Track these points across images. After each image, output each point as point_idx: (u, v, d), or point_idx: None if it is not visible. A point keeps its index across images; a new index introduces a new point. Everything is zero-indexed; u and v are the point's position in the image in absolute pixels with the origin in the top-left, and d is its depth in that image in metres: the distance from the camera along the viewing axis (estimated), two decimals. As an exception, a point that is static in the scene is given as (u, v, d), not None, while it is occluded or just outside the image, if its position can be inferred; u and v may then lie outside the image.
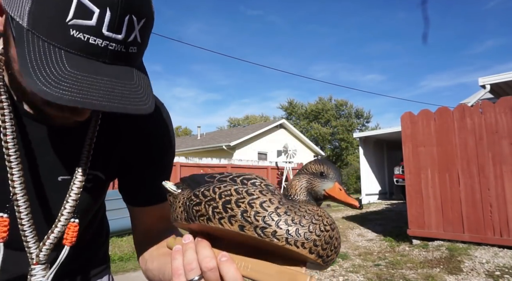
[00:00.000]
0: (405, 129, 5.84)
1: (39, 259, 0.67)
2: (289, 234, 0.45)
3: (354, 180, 20.84)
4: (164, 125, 0.83)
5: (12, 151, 0.61)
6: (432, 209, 5.40)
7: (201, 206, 0.50)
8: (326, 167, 0.51)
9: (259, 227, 0.45)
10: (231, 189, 0.50)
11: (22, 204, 0.63)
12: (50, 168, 0.69)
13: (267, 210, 0.46)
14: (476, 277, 4.01)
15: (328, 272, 4.48)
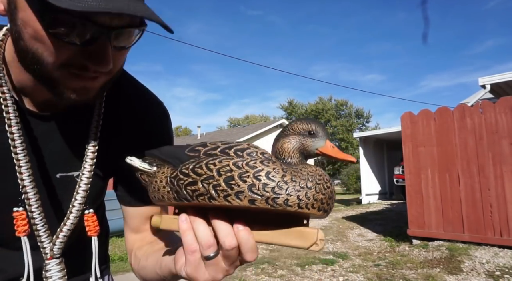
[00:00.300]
0: (405, 129, 5.84)
1: (53, 253, 0.66)
2: (300, 200, 0.46)
3: (354, 180, 20.82)
4: (163, 123, 0.83)
5: (18, 142, 0.60)
6: (432, 209, 5.40)
7: (198, 185, 0.49)
8: (314, 126, 0.51)
9: (270, 198, 0.46)
10: (229, 163, 0.48)
11: (32, 196, 0.62)
12: (50, 165, 0.69)
13: (274, 180, 0.46)
14: (476, 277, 4.00)
15: (328, 272, 4.48)
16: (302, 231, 0.49)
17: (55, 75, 0.54)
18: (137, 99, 0.79)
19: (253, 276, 4.34)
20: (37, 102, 0.66)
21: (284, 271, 4.50)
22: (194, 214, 0.52)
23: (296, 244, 0.49)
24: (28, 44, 0.52)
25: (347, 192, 22.24)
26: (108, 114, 0.73)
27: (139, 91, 0.81)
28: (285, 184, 0.46)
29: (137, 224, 0.82)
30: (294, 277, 4.30)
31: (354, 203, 13.61)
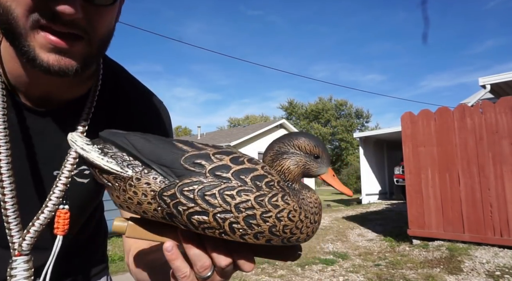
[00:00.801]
0: (405, 129, 5.83)
1: (22, 248, 0.61)
2: (308, 236, 0.47)
3: (354, 180, 20.82)
4: (162, 121, 0.82)
5: (2, 135, 0.59)
6: (432, 209, 5.39)
7: (209, 218, 0.42)
8: (321, 150, 0.50)
9: (286, 238, 0.45)
10: (250, 200, 0.43)
11: (7, 185, 0.59)
12: (45, 161, 0.68)
13: (293, 220, 0.45)
14: (476, 277, 4.00)
15: (328, 272, 4.48)
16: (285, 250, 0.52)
17: (25, 30, 0.51)
18: (136, 97, 0.79)
19: (253, 276, 4.34)
20: (33, 98, 0.65)
21: (284, 271, 4.50)
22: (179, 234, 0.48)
23: (279, 259, 0.52)
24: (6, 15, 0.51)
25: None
26: (106, 111, 0.73)
27: (138, 89, 0.81)
28: (301, 223, 0.46)
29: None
30: (294, 277, 4.30)
31: (354, 203, 13.61)
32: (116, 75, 0.78)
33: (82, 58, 0.56)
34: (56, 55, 0.53)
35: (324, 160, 0.51)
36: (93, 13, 0.54)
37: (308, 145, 0.50)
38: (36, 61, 0.53)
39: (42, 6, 0.50)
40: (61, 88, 0.66)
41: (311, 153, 0.50)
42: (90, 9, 0.53)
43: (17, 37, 0.52)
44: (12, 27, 0.51)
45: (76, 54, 0.55)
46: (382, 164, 15.04)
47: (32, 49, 0.53)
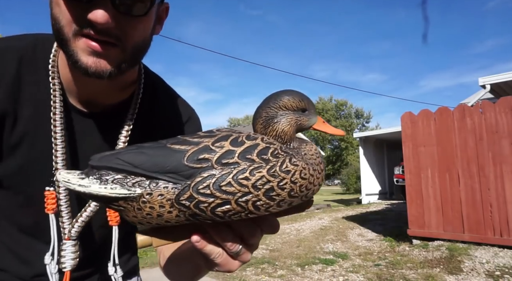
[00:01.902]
0: (405, 129, 5.83)
1: (71, 234, 0.71)
2: (319, 185, 0.50)
3: (354, 180, 20.82)
4: (196, 131, 0.86)
5: (59, 128, 0.68)
6: (432, 209, 5.39)
7: (232, 205, 0.43)
8: (306, 103, 0.52)
9: (304, 196, 0.48)
10: (263, 174, 0.43)
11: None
12: (88, 160, 0.72)
13: (306, 178, 0.47)
14: (476, 277, 4.00)
15: (328, 272, 4.48)
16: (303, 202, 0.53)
17: (69, 37, 0.59)
18: (170, 106, 0.86)
19: (253, 276, 4.34)
20: (83, 101, 0.73)
21: (284, 271, 4.50)
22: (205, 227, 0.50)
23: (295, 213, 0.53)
24: (53, 11, 0.60)
25: (347, 192, 22.22)
26: (143, 118, 0.80)
27: (173, 98, 0.89)
28: (312, 177, 0.48)
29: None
30: (294, 277, 4.30)
31: (354, 203, 13.60)
32: (154, 84, 0.85)
33: (116, 63, 0.62)
34: (94, 58, 0.60)
35: (311, 110, 0.52)
36: (125, 23, 0.60)
37: (294, 101, 0.51)
38: (78, 63, 0.60)
39: (79, 16, 0.58)
40: (105, 93, 0.73)
41: (298, 108, 0.51)
42: (122, 19, 0.59)
43: (64, 43, 0.61)
44: (60, 34, 0.60)
45: (110, 58, 0.61)
46: (382, 164, 15.03)
47: (75, 53, 0.60)
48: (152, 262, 4.96)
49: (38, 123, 0.70)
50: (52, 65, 0.70)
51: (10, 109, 0.69)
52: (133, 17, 0.60)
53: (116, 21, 0.58)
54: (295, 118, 0.51)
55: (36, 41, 0.73)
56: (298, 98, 0.51)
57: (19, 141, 0.70)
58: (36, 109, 0.70)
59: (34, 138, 0.70)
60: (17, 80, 0.69)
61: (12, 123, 0.69)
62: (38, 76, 0.70)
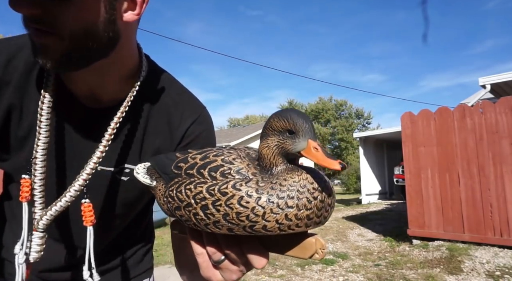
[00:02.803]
0: (405, 129, 5.83)
1: (38, 226, 0.68)
2: (280, 224, 0.41)
3: (354, 180, 20.81)
4: (207, 130, 0.85)
5: (45, 118, 0.65)
6: (432, 209, 5.39)
7: (182, 211, 0.47)
8: (293, 123, 0.43)
9: (247, 227, 0.42)
10: (202, 190, 0.45)
11: (39, 168, 0.66)
12: (82, 155, 0.73)
13: (247, 207, 0.41)
14: (476, 277, 4.00)
15: (328, 272, 4.47)
16: (302, 244, 0.46)
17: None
18: (179, 104, 0.82)
19: (253, 276, 4.34)
20: (87, 96, 0.72)
21: (284, 271, 4.49)
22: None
23: (297, 256, 0.47)
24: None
25: (347, 192, 22.22)
26: (149, 114, 0.78)
27: (182, 96, 0.85)
28: (261, 209, 0.41)
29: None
30: (294, 277, 4.30)
31: (354, 203, 13.60)
32: (160, 79, 0.82)
33: (58, 53, 0.59)
34: (39, 50, 0.59)
35: (300, 133, 0.43)
36: (53, 8, 0.55)
37: (278, 121, 0.44)
38: (37, 60, 0.60)
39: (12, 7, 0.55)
40: (102, 87, 0.72)
41: (283, 130, 0.44)
42: (49, 3, 0.55)
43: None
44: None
45: (50, 48, 0.58)
46: (382, 164, 15.03)
47: (34, 51, 0.60)
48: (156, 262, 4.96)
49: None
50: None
51: (17, 103, 0.69)
52: (63, 1, 0.55)
53: (42, 6, 0.54)
54: (277, 141, 0.44)
55: None
56: (283, 118, 0.44)
57: (26, 134, 0.71)
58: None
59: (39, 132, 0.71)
60: (26, 76, 0.70)
61: (18, 117, 0.70)
62: (43, 73, 0.70)
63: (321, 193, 0.43)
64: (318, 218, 0.43)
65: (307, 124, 0.43)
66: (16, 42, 0.71)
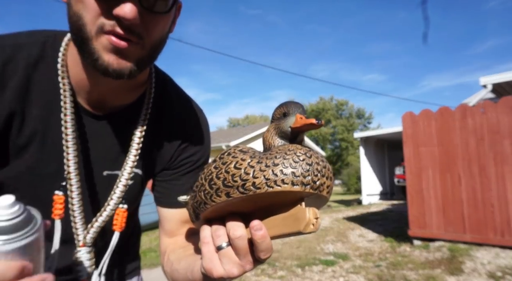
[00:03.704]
0: (406, 129, 5.81)
1: (86, 241, 0.70)
2: (267, 179, 0.45)
3: (355, 180, 20.81)
4: (204, 132, 0.88)
5: (70, 131, 0.66)
6: (433, 210, 5.37)
7: (197, 197, 0.53)
8: (286, 106, 0.50)
9: (240, 186, 0.46)
10: (210, 168, 0.51)
11: (74, 183, 0.67)
12: (97, 162, 0.74)
13: (240, 168, 0.47)
14: (478, 278, 3.98)
15: (329, 273, 4.46)
16: (295, 213, 0.47)
17: (91, 34, 0.57)
18: (179, 106, 0.85)
19: (253, 277, 4.32)
20: (92, 102, 0.71)
21: (284, 272, 4.48)
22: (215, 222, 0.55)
23: (291, 230, 0.47)
24: (74, 8, 0.58)
25: (347, 193, 22.22)
26: (154, 119, 0.79)
27: (182, 98, 0.87)
28: (251, 168, 0.46)
29: (172, 227, 0.85)
30: (294, 278, 4.28)
31: (355, 204, 13.58)
32: (164, 84, 0.84)
33: (136, 61, 0.61)
34: (115, 56, 0.59)
35: (290, 112, 0.50)
36: (148, 20, 0.59)
37: (277, 110, 0.52)
38: (99, 61, 0.59)
39: (107, 12, 0.56)
40: (115, 94, 0.72)
41: (280, 115, 0.51)
42: (146, 15, 0.58)
43: (85, 42, 0.59)
44: (81, 32, 0.58)
45: (130, 56, 0.60)
46: (382, 164, 15.01)
47: (96, 51, 0.59)
48: (152, 263, 4.95)
49: (48, 124, 0.68)
50: (62, 64, 0.68)
51: (19, 109, 0.66)
52: (156, 14, 0.59)
53: (140, 17, 0.57)
54: (275, 124, 0.51)
55: (45, 39, 0.70)
56: (281, 106, 0.51)
57: (27, 141, 0.68)
58: (45, 110, 0.68)
59: (43, 139, 0.69)
60: (26, 80, 0.67)
61: (20, 124, 0.67)
62: (47, 75, 0.68)
63: (308, 158, 0.46)
64: (304, 178, 0.45)
65: (298, 105, 0.50)
66: (11, 43, 0.67)
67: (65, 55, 0.69)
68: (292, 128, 0.49)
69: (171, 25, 0.68)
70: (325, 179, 0.47)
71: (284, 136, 0.50)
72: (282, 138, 0.50)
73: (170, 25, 0.67)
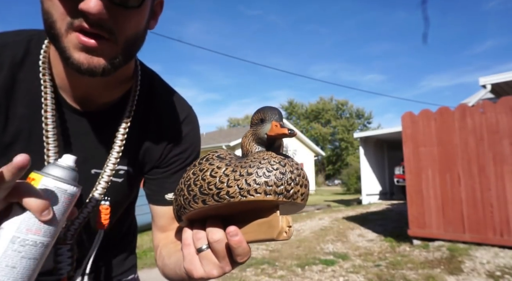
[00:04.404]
0: (405, 129, 5.82)
1: (66, 237, 0.69)
2: (240, 188, 0.46)
3: (355, 180, 20.80)
4: (194, 130, 0.87)
5: (51, 127, 0.66)
6: (433, 210, 5.38)
7: (178, 201, 0.54)
8: (263, 112, 0.50)
9: (215, 194, 0.47)
10: (189, 173, 0.53)
11: None
12: (84, 160, 0.73)
13: (216, 176, 0.48)
14: (477, 277, 3.99)
15: (329, 272, 4.47)
16: (268, 221, 0.48)
17: (61, 32, 0.57)
18: (167, 104, 0.84)
19: (253, 276, 4.33)
20: (76, 99, 0.71)
21: (284, 272, 4.49)
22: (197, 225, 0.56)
23: (265, 237, 0.49)
24: (44, 6, 0.57)
25: (347, 192, 22.21)
26: (141, 115, 0.78)
27: (170, 95, 0.86)
28: (226, 177, 0.47)
29: (164, 223, 0.85)
30: (294, 278, 4.29)
31: (355, 204, 13.59)
32: (151, 80, 0.83)
33: (109, 58, 0.60)
34: (86, 54, 0.58)
35: (266, 118, 0.49)
36: (119, 14, 0.57)
37: (254, 115, 0.52)
38: (70, 60, 0.58)
39: (72, 8, 0.55)
40: (99, 90, 0.71)
41: (257, 121, 0.51)
42: (116, 10, 0.56)
43: (56, 39, 0.58)
44: (52, 29, 0.57)
45: (103, 54, 0.59)
46: (382, 164, 15.02)
47: (67, 49, 0.57)
48: (152, 263, 4.95)
49: (33, 122, 0.68)
50: (43, 61, 0.68)
51: (3, 107, 0.66)
52: (127, 9, 0.57)
53: (109, 12, 0.55)
54: (252, 130, 0.51)
55: (31, 37, 0.70)
56: (258, 112, 0.51)
57: (12, 140, 0.68)
58: (29, 108, 0.68)
59: (29, 137, 0.68)
60: (11, 79, 0.67)
61: (4, 122, 0.67)
62: (31, 74, 0.68)
63: (282, 167, 0.47)
64: (277, 187, 0.46)
65: (274, 112, 0.49)
66: None
67: (47, 52, 0.69)
68: (267, 135, 0.49)
69: (150, 21, 0.66)
70: (299, 187, 0.47)
71: (261, 142, 0.50)
72: (259, 144, 0.50)
73: (148, 21, 0.64)
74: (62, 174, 0.52)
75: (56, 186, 0.51)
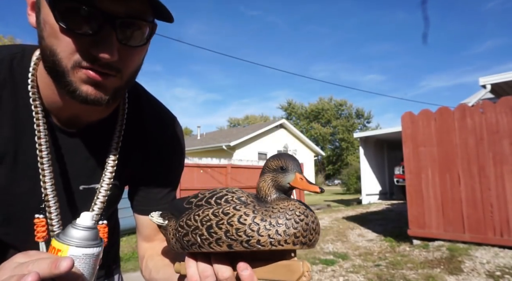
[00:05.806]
0: (405, 129, 5.83)
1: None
2: (271, 238, 0.48)
3: (355, 180, 20.80)
4: (178, 142, 0.89)
5: (45, 153, 0.66)
6: (433, 209, 5.39)
7: (189, 236, 0.54)
8: (284, 161, 0.54)
9: (244, 241, 0.49)
10: (208, 213, 0.53)
11: (52, 205, 0.67)
12: (73, 177, 0.74)
13: (245, 223, 0.49)
14: (477, 277, 4.00)
15: (329, 272, 4.47)
16: (288, 265, 0.51)
17: (67, 69, 0.57)
18: (153, 117, 0.85)
19: (253, 276, 4.33)
20: (64, 119, 0.71)
21: (284, 272, 4.49)
22: (201, 258, 0.57)
23: (283, 279, 0.51)
24: (47, 41, 0.57)
25: (347, 192, 22.22)
26: (128, 130, 0.79)
27: (155, 107, 0.87)
28: (256, 225, 0.49)
29: (149, 233, 0.86)
30: (294, 278, 4.29)
31: (355, 203, 13.60)
32: (137, 95, 0.83)
33: (113, 91, 0.62)
34: (93, 87, 0.59)
35: (289, 168, 0.53)
36: (126, 55, 0.60)
37: (272, 161, 0.55)
38: (76, 92, 0.59)
39: (84, 51, 0.56)
40: (88, 112, 0.72)
41: (277, 167, 0.54)
42: (124, 51, 0.59)
43: (60, 74, 0.59)
44: (57, 66, 0.58)
45: (108, 87, 0.61)
46: (382, 164, 15.02)
47: (74, 83, 0.59)
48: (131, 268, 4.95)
49: (19, 145, 0.67)
50: (32, 85, 0.67)
51: None
52: (133, 48, 0.60)
53: (119, 54, 0.58)
54: (272, 176, 0.54)
55: (13, 56, 0.69)
56: (277, 158, 0.55)
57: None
58: (16, 130, 0.67)
59: (15, 159, 0.67)
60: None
61: None
62: (16, 95, 0.67)
63: (306, 218, 0.51)
64: (304, 238, 0.50)
65: (295, 162, 0.54)
66: None
67: (35, 76, 0.68)
68: (290, 185, 0.53)
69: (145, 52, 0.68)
70: (317, 235, 0.52)
71: (280, 189, 0.54)
72: (277, 191, 0.54)
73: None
74: (86, 237, 0.51)
75: (84, 253, 0.50)
